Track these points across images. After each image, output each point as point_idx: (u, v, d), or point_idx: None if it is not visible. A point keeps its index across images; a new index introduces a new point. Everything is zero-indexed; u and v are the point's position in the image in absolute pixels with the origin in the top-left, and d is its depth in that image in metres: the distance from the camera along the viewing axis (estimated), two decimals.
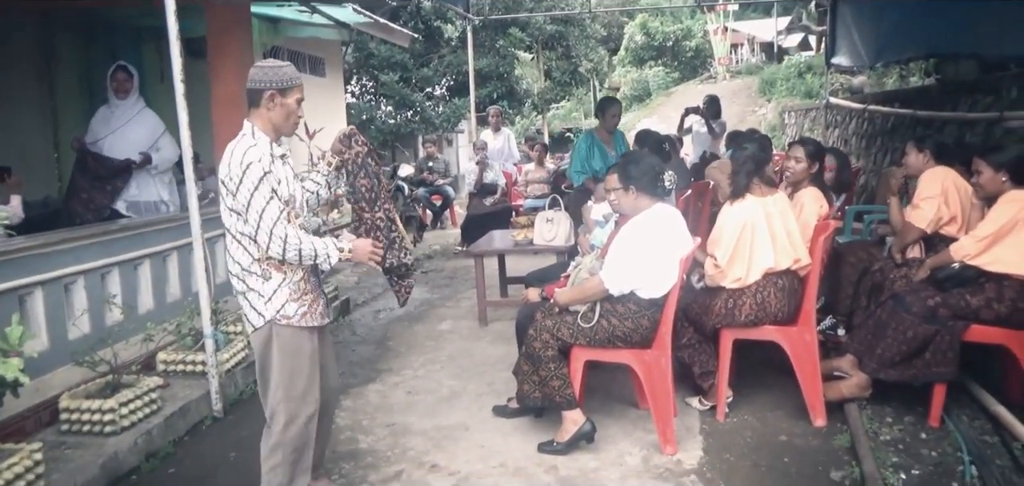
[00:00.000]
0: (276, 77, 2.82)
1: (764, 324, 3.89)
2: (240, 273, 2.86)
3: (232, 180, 2.73)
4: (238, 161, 2.72)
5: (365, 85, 18.27)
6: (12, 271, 3.61)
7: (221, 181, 2.80)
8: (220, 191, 2.83)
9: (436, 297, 7.17)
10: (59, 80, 6.84)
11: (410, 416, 4.18)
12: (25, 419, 3.60)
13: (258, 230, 2.73)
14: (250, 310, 2.86)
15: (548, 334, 3.62)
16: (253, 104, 2.83)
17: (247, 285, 2.85)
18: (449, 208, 12.11)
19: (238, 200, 2.73)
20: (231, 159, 2.74)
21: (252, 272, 2.84)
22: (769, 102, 21.53)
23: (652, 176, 3.61)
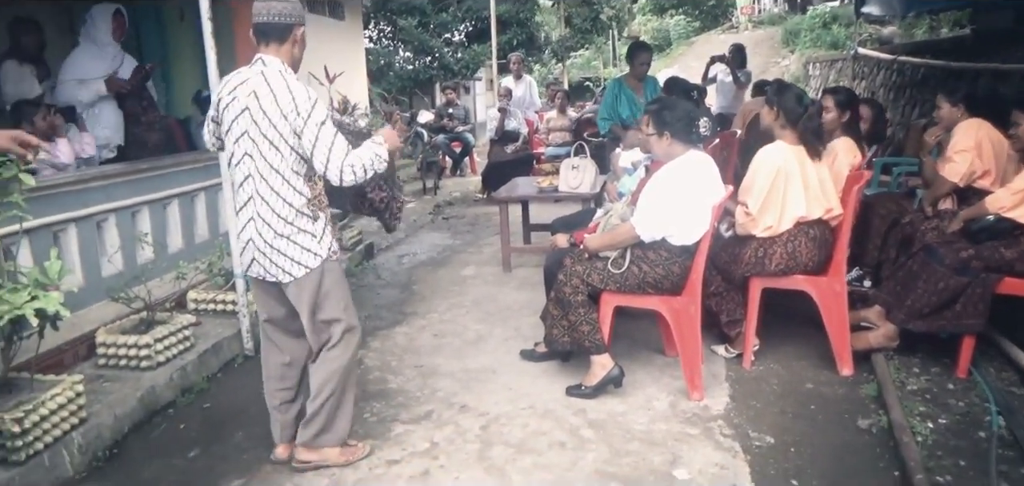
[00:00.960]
0: (298, 11, 2.76)
1: (794, 273, 3.87)
2: (291, 217, 2.78)
3: (300, 117, 2.67)
4: (304, 98, 2.68)
5: (383, 30, 18.12)
6: (45, 207, 3.65)
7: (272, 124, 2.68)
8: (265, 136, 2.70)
9: (458, 243, 7.19)
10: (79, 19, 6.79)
11: (438, 358, 4.22)
12: (63, 352, 3.67)
13: (328, 164, 2.70)
14: (301, 252, 2.80)
15: (578, 279, 3.62)
16: (278, 39, 2.74)
17: (297, 228, 2.80)
18: (469, 155, 12.08)
19: (304, 139, 2.69)
20: (297, 102, 2.67)
21: (304, 214, 2.80)
22: (792, 53, 21.18)
23: (687, 122, 3.57)
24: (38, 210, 3.61)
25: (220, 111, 2.83)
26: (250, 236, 2.84)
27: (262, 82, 2.69)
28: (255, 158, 2.74)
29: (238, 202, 2.86)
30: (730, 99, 9.35)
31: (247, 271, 2.94)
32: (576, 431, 3.33)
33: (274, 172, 2.74)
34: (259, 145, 2.72)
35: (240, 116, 2.73)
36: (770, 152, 3.87)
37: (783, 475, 2.95)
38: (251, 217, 2.82)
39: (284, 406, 3.08)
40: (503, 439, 3.26)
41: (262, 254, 2.82)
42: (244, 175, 2.79)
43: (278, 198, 2.76)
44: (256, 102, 2.69)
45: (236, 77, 2.79)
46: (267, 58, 2.74)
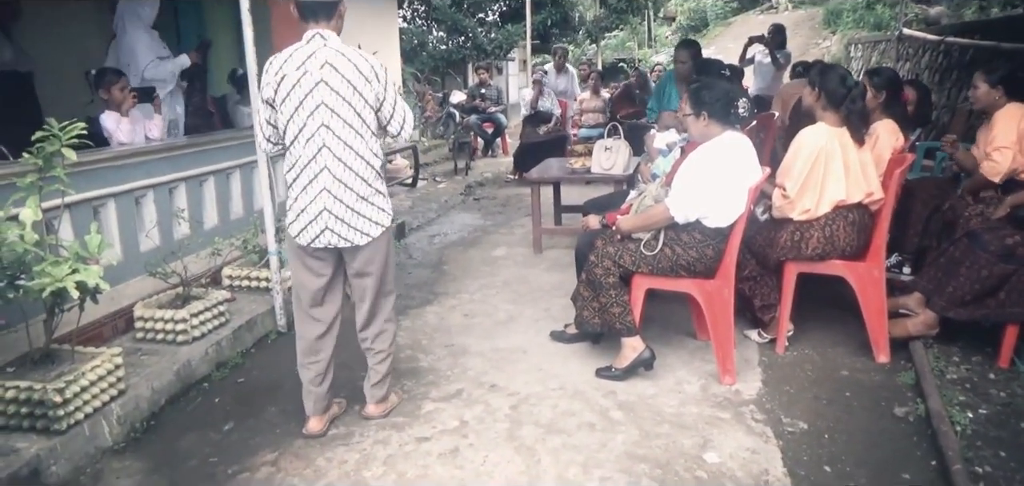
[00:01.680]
0: None
1: (831, 258, 3.80)
2: (371, 178, 2.96)
3: (380, 83, 2.89)
4: (380, 66, 2.92)
5: (417, 9, 18.12)
6: (86, 182, 3.71)
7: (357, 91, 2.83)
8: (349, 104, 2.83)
9: (489, 224, 7.19)
10: None
11: (468, 338, 4.23)
12: (102, 325, 3.75)
13: (404, 124, 3.02)
14: (378, 213, 3.00)
15: (610, 261, 3.60)
16: (327, 15, 2.86)
17: (375, 189, 2.98)
18: (501, 136, 12.06)
19: (385, 103, 2.93)
20: (376, 69, 2.89)
21: (380, 176, 3.02)
22: (834, 34, 20.72)
23: (725, 102, 3.50)
24: (79, 185, 3.67)
25: (281, 92, 2.85)
26: (323, 205, 2.90)
27: (335, 55, 2.82)
28: (333, 127, 2.84)
29: (307, 176, 2.90)
30: (768, 81, 9.17)
31: (313, 242, 2.97)
32: (606, 413, 3.31)
33: (358, 137, 2.88)
34: (340, 113, 2.84)
35: (315, 89, 2.81)
36: (811, 134, 3.78)
37: (816, 461, 2.91)
38: (324, 187, 2.88)
39: (318, 378, 3.14)
40: (533, 419, 3.26)
41: (339, 220, 2.91)
42: (318, 147, 2.86)
43: (361, 161, 2.90)
44: (335, 73, 2.81)
45: (296, 55, 2.84)
46: (325, 32, 2.86)
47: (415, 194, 8.77)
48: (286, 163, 2.97)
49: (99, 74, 4.56)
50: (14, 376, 2.89)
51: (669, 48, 28.11)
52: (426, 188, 9.26)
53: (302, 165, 2.90)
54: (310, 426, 3.17)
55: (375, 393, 3.26)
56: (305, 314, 3.12)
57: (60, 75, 5.51)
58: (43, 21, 5.83)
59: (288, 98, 2.85)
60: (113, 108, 4.40)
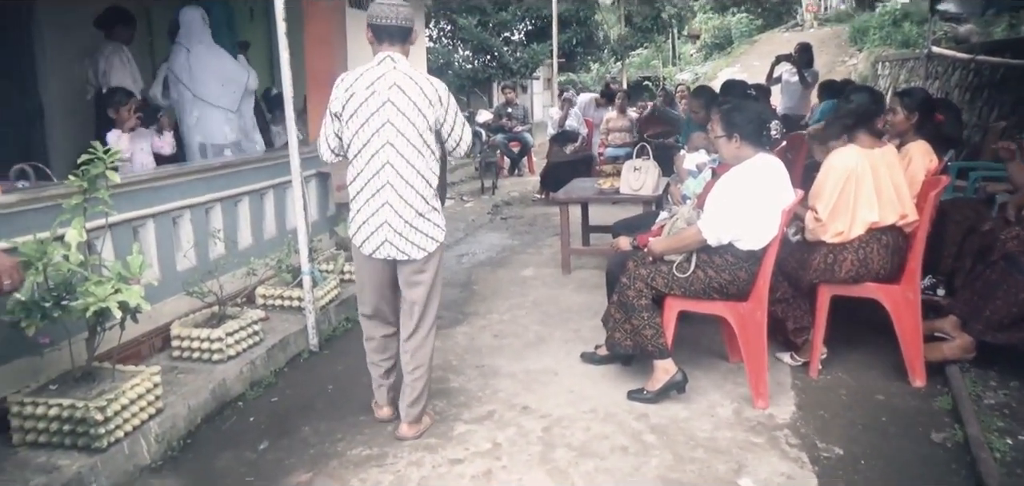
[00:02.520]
0: (414, 15, 3.15)
1: (865, 281, 3.77)
2: (429, 196, 3.12)
3: (442, 106, 3.08)
4: (444, 90, 3.11)
5: (443, 29, 18.30)
6: (128, 203, 3.79)
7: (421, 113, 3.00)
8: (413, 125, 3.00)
9: (517, 243, 7.21)
10: (155, 19, 7.03)
11: (499, 359, 4.24)
12: (140, 344, 3.81)
13: (461, 142, 3.20)
14: (434, 228, 3.16)
15: (642, 283, 3.60)
16: (402, 39, 3.06)
17: (432, 206, 3.14)
18: (527, 155, 12.10)
19: (446, 124, 3.12)
20: (440, 94, 3.07)
21: (436, 195, 3.17)
22: (860, 52, 20.57)
23: (757, 125, 3.51)
24: (120, 206, 3.75)
25: (349, 109, 3.03)
26: (384, 219, 3.07)
27: (403, 77, 3.01)
28: (397, 146, 3.01)
29: (370, 190, 3.07)
30: (796, 100, 9.14)
31: (374, 254, 3.14)
32: (639, 436, 3.30)
33: (420, 156, 3.05)
34: (404, 133, 3.01)
35: (381, 108, 3.00)
36: (841, 155, 3.77)
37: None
38: (386, 201, 3.06)
39: (387, 373, 3.44)
40: (565, 442, 3.26)
41: (399, 235, 3.08)
42: (381, 163, 3.04)
43: (421, 179, 3.07)
44: (402, 95, 3.00)
45: (367, 74, 3.03)
46: (395, 56, 3.04)
47: None
48: (350, 175, 3.15)
49: (110, 94, 4.70)
50: (57, 394, 2.95)
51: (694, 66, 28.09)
52: (453, 207, 9.31)
53: (366, 179, 3.07)
54: (383, 412, 3.47)
55: (410, 413, 3.32)
56: (375, 317, 3.35)
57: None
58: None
59: (355, 114, 3.03)
60: (117, 127, 4.55)
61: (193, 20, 5.20)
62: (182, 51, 5.18)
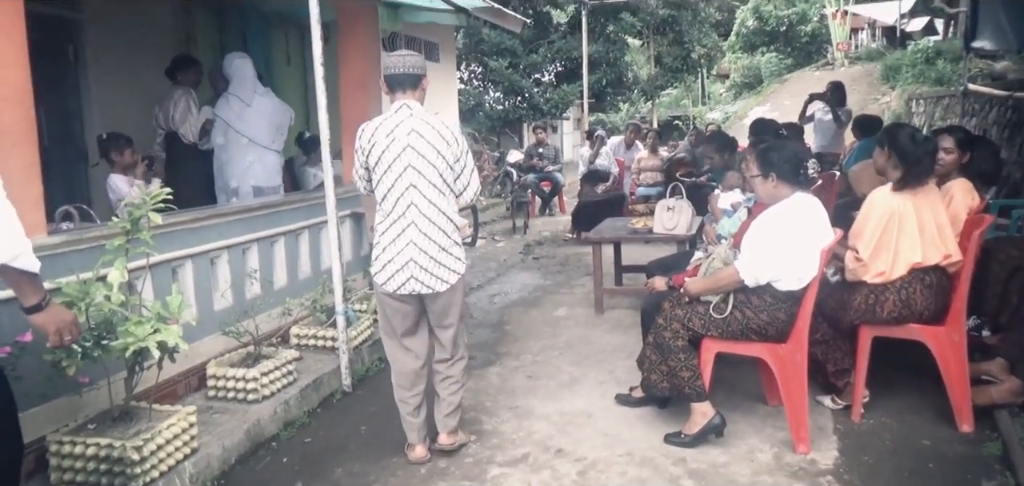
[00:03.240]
0: (425, 63, 3.34)
1: (908, 322, 3.67)
2: (451, 231, 3.30)
3: (458, 147, 3.28)
4: (459, 133, 3.33)
5: (474, 71, 18.51)
6: (167, 244, 3.84)
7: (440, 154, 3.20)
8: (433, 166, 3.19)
9: (549, 283, 7.18)
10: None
11: (532, 400, 4.20)
12: (177, 383, 3.84)
13: (469, 185, 3.36)
14: (456, 262, 3.33)
15: (678, 323, 3.55)
16: (413, 86, 3.27)
17: (453, 241, 3.31)
18: (558, 194, 12.11)
19: (460, 164, 3.30)
20: (455, 135, 3.28)
21: (457, 229, 3.34)
22: (893, 89, 20.41)
23: (794, 164, 3.46)
24: (159, 247, 3.81)
25: (375, 155, 3.23)
26: (410, 256, 3.24)
27: (420, 123, 3.22)
28: (420, 187, 3.20)
29: (396, 229, 3.25)
30: (830, 138, 9.05)
31: (399, 289, 3.29)
32: (676, 481, 3.23)
33: (441, 195, 3.24)
34: (425, 175, 3.20)
35: (403, 153, 3.19)
36: (882, 195, 3.71)
37: None
38: (411, 240, 3.23)
39: (417, 410, 3.48)
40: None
41: (423, 270, 3.24)
42: (407, 204, 3.22)
43: (443, 216, 3.26)
44: (421, 139, 3.20)
45: (385, 124, 3.24)
46: (410, 103, 3.26)
47: (474, 253, 8.83)
48: (378, 217, 3.33)
49: (110, 138, 4.84)
50: (95, 433, 2.97)
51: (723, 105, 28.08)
52: (485, 247, 9.33)
53: (392, 220, 3.25)
54: (417, 453, 3.49)
55: (448, 423, 3.52)
56: (404, 351, 3.46)
57: None
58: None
59: (379, 161, 3.23)
60: (119, 171, 4.66)
61: (243, 67, 5.43)
62: (234, 99, 5.36)
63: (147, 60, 6.75)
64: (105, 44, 6.32)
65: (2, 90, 3.02)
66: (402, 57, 3.27)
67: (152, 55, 6.83)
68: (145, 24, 6.70)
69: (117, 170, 4.65)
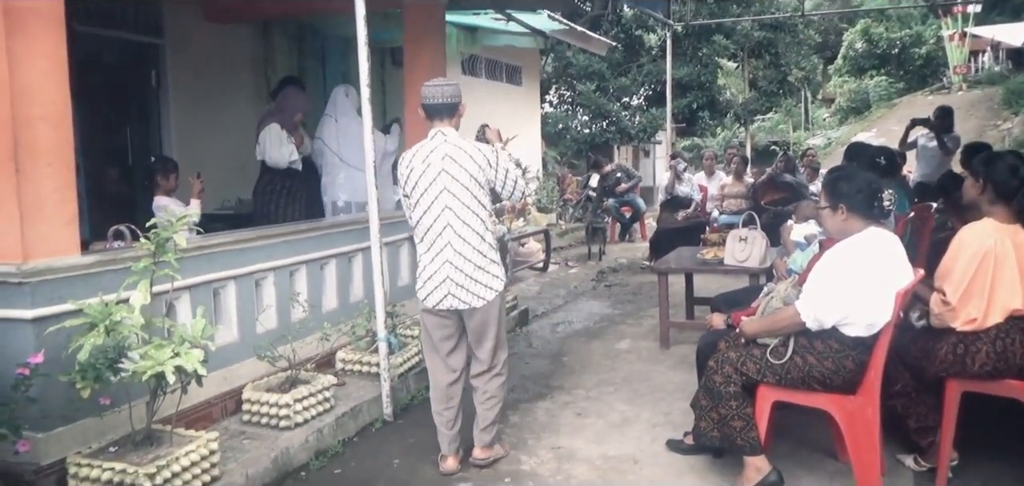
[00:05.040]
0: (460, 91, 3.52)
1: (1005, 377, 3.21)
2: (486, 250, 3.45)
3: (492, 168, 3.44)
4: (491, 153, 3.49)
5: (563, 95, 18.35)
6: (206, 265, 3.82)
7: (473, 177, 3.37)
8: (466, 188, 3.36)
9: (617, 313, 6.88)
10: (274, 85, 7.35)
11: (577, 440, 3.94)
12: (212, 406, 3.80)
13: (515, 188, 3.56)
14: (492, 279, 3.47)
15: (731, 367, 3.22)
16: (449, 114, 3.45)
17: (490, 259, 3.47)
18: (639, 220, 11.75)
19: (498, 182, 3.48)
20: (488, 157, 3.44)
21: (494, 248, 3.50)
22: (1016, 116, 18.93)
23: (868, 194, 3.10)
24: (200, 268, 3.81)
25: (410, 182, 3.45)
26: (447, 274, 3.41)
27: (454, 148, 3.39)
28: (454, 209, 3.37)
29: (434, 250, 3.43)
30: (934, 167, 8.32)
31: (438, 305, 3.46)
32: None
33: (475, 216, 3.40)
34: (460, 197, 3.38)
35: (438, 177, 3.38)
36: (975, 231, 3.27)
37: None
38: (447, 259, 3.40)
39: (450, 423, 3.59)
40: None
41: (460, 287, 3.41)
42: (443, 225, 3.40)
43: (477, 236, 3.41)
44: (454, 163, 3.37)
45: (421, 150, 3.45)
46: (445, 130, 3.44)
47: (544, 279, 8.62)
48: (416, 237, 3.54)
49: (157, 162, 4.98)
50: (114, 457, 2.92)
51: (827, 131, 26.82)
52: (557, 273, 9.09)
53: (430, 241, 3.44)
54: (448, 464, 3.59)
55: (483, 438, 3.61)
56: (438, 365, 3.61)
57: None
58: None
59: (416, 186, 3.43)
60: (163, 193, 4.74)
61: (338, 95, 5.81)
62: (330, 121, 5.76)
63: (225, 84, 6.96)
64: (185, 69, 6.53)
65: (41, 111, 3.05)
66: (440, 87, 3.46)
67: (230, 79, 7.04)
68: (224, 49, 6.89)
69: (162, 192, 4.70)
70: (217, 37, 6.78)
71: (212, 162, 6.65)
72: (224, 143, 6.87)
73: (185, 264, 3.61)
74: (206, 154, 6.59)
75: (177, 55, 6.44)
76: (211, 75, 6.75)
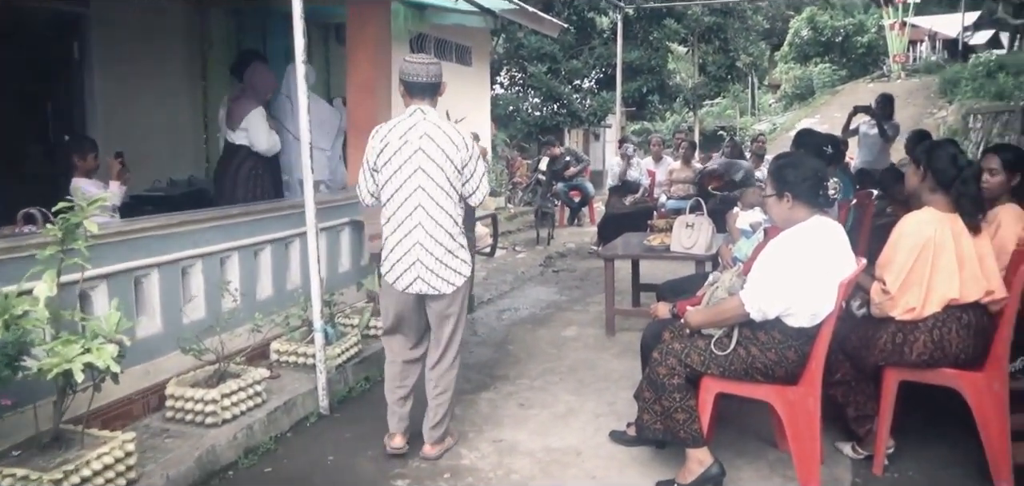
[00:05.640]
0: (441, 71, 3.44)
1: (941, 366, 3.22)
2: (457, 234, 3.40)
3: (472, 157, 3.40)
4: (469, 138, 3.44)
5: (514, 76, 18.18)
6: (127, 252, 3.60)
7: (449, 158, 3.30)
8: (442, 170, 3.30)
9: (564, 299, 6.81)
10: (211, 62, 7.07)
11: (520, 433, 3.85)
12: (133, 402, 3.58)
13: (478, 189, 3.46)
14: (461, 265, 3.43)
15: (675, 359, 3.16)
16: (432, 93, 3.39)
17: (459, 243, 3.42)
18: (588, 204, 11.72)
19: (468, 170, 3.40)
20: (466, 140, 3.39)
21: (462, 233, 3.44)
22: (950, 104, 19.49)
23: (814, 183, 3.05)
24: (120, 255, 3.58)
25: (383, 157, 3.35)
26: (417, 257, 3.35)
27: (433, 127, 3.33)
28: (427, 189, 3.31)
29: (403, 230, 3.36)
30: (875, 154, 8.47)
31: (406, 289, 3.40)
32: None
33: (448, 198, 3.35)
34: (434, 178, 3.31)
35: (413, 155, 3.31)
36: (915, 221, 3.26)
37: None
38: (418, 241, 3.34)
39: (401, 401, 3.57)
40: None
41: (430, 271, 3.35)
42: (414, 205, 3.33)
43: (450, 219, 3.37)
44: (432, 143, 3.31)
45: (399, 126, 3.36)
46: (425, 108, 3.37)
47: (491, 264, 8.51)
48: (383, 217, 3.43)
49: (72, 141, 4.76)
50: (16, 462, 2.71)
51: (772, 116, 27.25)
52: (504, 258, 8.99)
53: (399, 220, 3.36)
54: (395, 442, 3.56)
55: (433, 434, 3.55)
56: (396, 344, 3.58)
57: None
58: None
59: (389, 162, 3.34)
60: (81, 175, 4.50)
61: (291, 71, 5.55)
62: (285, 101, 5.65)
63: (158, 58, 6.63)
64: (113, 41, 6.18)
65: None
66: (424, 65, 3.37)
67: (163, 53, 6.71)
68: (156, 22, 6.56)
69: (80, 174, 4.44)
70: (148, 8, 6.44)
71: (143, 140, 6.37)
72: (156, 120, 6.57)
73: (102, 251, 3.42)
74: (136, 132, 6.30)
75: (103, 26, 6.09)
76: (141, 48, 6.42)
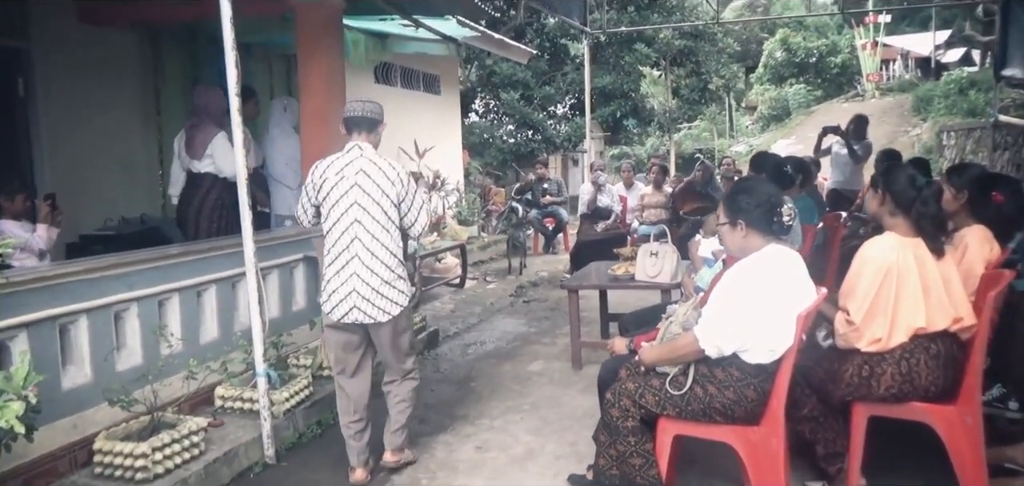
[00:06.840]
0: (382, 110, 3.60)
1: (910, 400, 3.07)
2: (394, 265, 3.49)
3: (408, 191, 3.53)
4: (405, 173, 3.57)
5: (488, 104, 18.10)
6: (50, 298, 3.38)
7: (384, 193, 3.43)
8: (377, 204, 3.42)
9: (532, 331, 6.62)
10: (165, 95, 6.87)
11: (475, 479, 3.65)
12: (58, 459, 3.35)
13: (417, 221, 3.58)
14: (398, 294, 3.51)
15: (628, 400, 2.99)
16: (369, 129, 3.53)
17: (397, 274, 3.51)
18: (562, 231, 11.57)
19: (405, 204, 3.52)
20: (400, 176, 3.51)
21: (401, 263, 3.54)
22: (924, 121, 19.63)
23: (766, 209, 2.91)
24: (43, 301, 3.37)
25: (322, 191, 3.49)
26: (353, 287, 3.43)
27: (369, 164, 3.46)
28: (363, 222, 3.43)
29: (340, 262, 3.46)
30: (847, 174, 8.43)
31: (342, 318, 3.48)
32: None
33: (384, 231, 3.46)
34: (370, 211, 3.43)
35: (350, 191, 3.44)
36: (878, 246, 3.12)
37: None
38: (354, 271, 3.43)
39: (358, 434, 3.63)
40: None
41: (365, 300, 3.44)
42: (351, 238, 3.44)
43: (386, 251, 3.47)
44: (367, 179, 3.43)
45: (336, 162, 3.48)
46: (362, 144, 3.50)
47: (460, 296, 8.32)
48: (325, 249, 3.55)
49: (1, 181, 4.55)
50: None
51: (749, 138, 27.33)
52: (474, 289, 8.79)
53: (337, 252, 3.46)
54: (357, 476, 3.62)
55: (393, 440, 3.70)
56: (345, 380, 3.63)
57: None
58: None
59: (328, 197, 3.47)
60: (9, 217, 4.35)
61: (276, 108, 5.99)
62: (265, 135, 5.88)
63: (108, 93, 6.42)
64: (59, 76, 5.97)
65: None
66: (363, 103, 3.54)
67: (114, 87, 6.50)
68: (105, 55, 6.35)
69: (8, 216, 4.22)
70: (96, 41, 6.23)
71: (93, 178, 6.16)
72: (108, 157, 6.34)
73: (22, 298, 3.24)
74: (86, 169, 6.09)
75: (48, 60, 5.86)
76: (91, 83, 6.19)
